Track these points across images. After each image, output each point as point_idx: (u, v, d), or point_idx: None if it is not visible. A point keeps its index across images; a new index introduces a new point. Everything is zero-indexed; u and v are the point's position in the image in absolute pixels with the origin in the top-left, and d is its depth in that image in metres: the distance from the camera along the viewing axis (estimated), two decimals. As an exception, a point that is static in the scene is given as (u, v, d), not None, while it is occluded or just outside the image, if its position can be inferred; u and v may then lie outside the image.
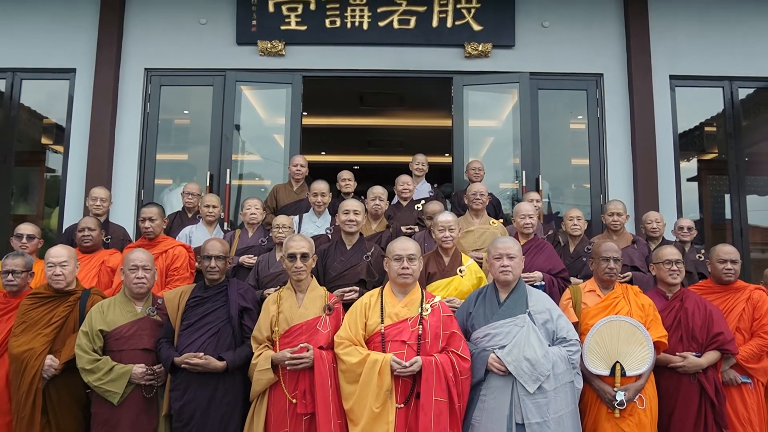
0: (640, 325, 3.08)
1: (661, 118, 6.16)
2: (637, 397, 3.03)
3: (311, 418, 2.90)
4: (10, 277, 3.43)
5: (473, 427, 2.90)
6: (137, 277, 3.14)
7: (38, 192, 6.62)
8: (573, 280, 3.95)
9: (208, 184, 6.00)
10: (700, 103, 6.53)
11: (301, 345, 2.93)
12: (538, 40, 6.30)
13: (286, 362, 2.91)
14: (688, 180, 6.71)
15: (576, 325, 3.18)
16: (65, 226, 5.93)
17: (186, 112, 6.58)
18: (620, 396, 2.98)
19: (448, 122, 6.51)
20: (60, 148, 6.37)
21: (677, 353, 3.24)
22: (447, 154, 6.55)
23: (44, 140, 6.59)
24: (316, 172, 5.70)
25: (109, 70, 6.14)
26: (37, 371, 3.10)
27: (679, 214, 6.07)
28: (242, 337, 3.11)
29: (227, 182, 6.01)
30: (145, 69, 6.27)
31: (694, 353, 3.24)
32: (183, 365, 2.94)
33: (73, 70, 6.25)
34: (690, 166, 6.64)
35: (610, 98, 6.24)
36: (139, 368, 3.00)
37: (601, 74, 6.29)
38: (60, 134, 6.43)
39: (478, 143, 6.64)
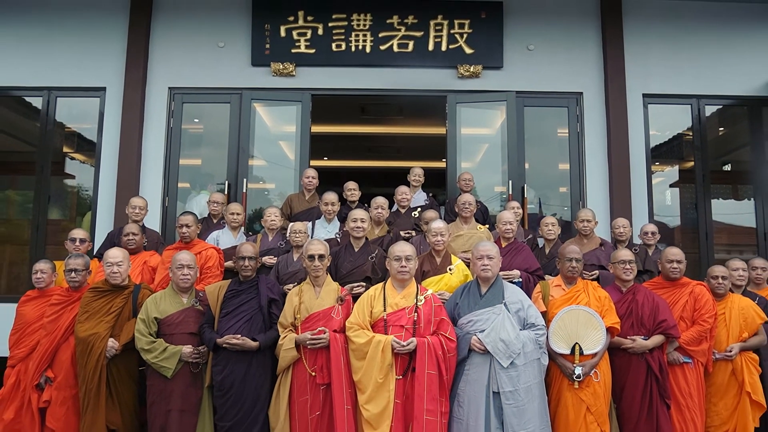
0: (596, 313, 3.75)
1: (634, 133, 6.79)
2: (593, 371, 3.71)
3: (327, 388, 3.59)
4: (73, 274, 4.10)
5: (458, 395, 3.57)
6: (183, 274, 3.82)
7: (70, 199, 7.28)
8: (547, 277, 4.61)
9: (226, 192, 6.63)
10: (673, 118, 7.20)
11: (319, 329, 3.62)
12: (524, 62, 6.94)
13: (307, 342, 3.59)
14: (671, 186, 7.39)
15: (544, 313, 3.85)
16: (97, 230, 6.60)
17: (205, 126, 7.22)
18: (578, 371, 3.66)
19: (443, 130, 7.13)
20: (80, 156, 7.06)
21: (628, 337, 3.92)
22: (443, 159, 7.17)
23: (73, 152, 7.23)
24: (319, 175, 6.33)
25: (137, 88, 6.76)
26: (102, 351, 3.76)
27: (651, 219, 6.73)
28: (270, 322, 3.79)
29: (243, 190, 6.67)
30: (169, 88, 6.89)
31: (642, 337, 3.91)
32: (224, 345, 3.62)
33: (104, 89, 6.86)
34: (673, 172, 7.30)
35: (589, 114, 6.88)
36: (187, 348, 3.68)
37: (581, 93, 6.93)
38: (81, 143, 7.09)
39: (471, 153, 7.32)
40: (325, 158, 12.33)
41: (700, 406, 4.06)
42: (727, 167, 7.57)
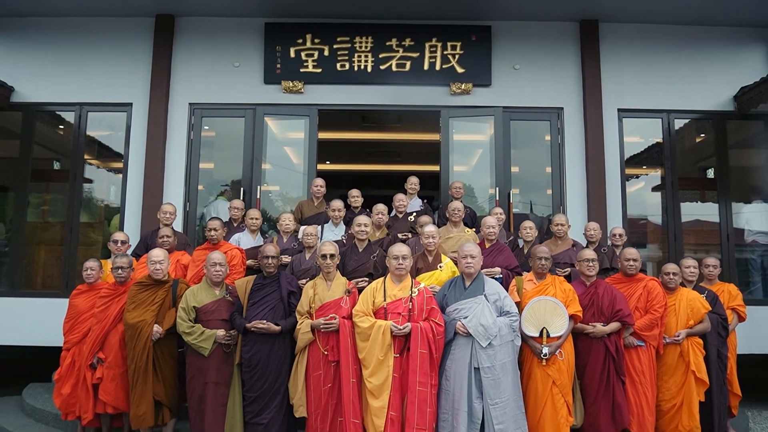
0: (560, 303, 4.49)
1: (610, 144, 7.51)
2: (558, 351, 4.44)
3: (337, 364, 4.32)
4: (119, 271, 4.83)
5: (446, 370, 4.31)
6: (216, 271, 4.56)
7: (93, 203, 7.99)
8: (525, 273, 5.33)
9: (242, 198, 7.35)
10: (655, 127, 7.92)
11: (330, 315, 4.36)
12: (510, 80, 7.67)
13: (321, 327, 4.33)
14: (653, 189, 8.09)
15: (518, 303, 4.58)
16: (125, 232, 7.30)
17: (222, 138, 7.94)
18: (545, 350, 4.39)
19: (438, 136, 7.79)
20: (96, 162, 7.77)
21: (590, 323, 4.65)
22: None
23: (93, 158, 7.91)
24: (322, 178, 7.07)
25: (160, 104, 7.48)
26: (149, 335, 4.50)
27: (624, 222, 7.46)
28: (290, 310, 4.53)
29: (257, 196, 7.40)
30: (189, 104, 7.61)
31: (601, 323, 4.64)
32: (252, 329, 4.36)
33: (130, 105, 7.58)
34: (656, 176, 7.95)
35: (569, 127, 7.60)
36: (221, 332, 4.42)
37: (562, 108, 7.64)
38: (102, 150, 7.81)
39: (464, 160, 8.04)
40: (328, 162, 13.01)
41: (652, 382, 4.79)
42: (710, 173, 8.26)
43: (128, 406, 4.60)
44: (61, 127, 7.93)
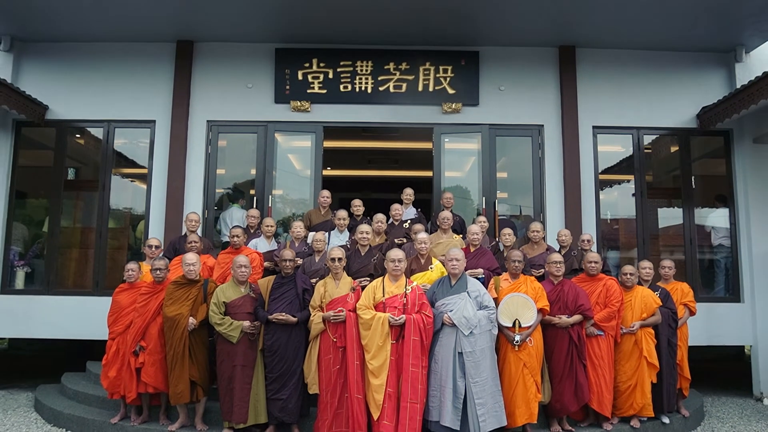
0: (530, 298, 5.34)
1: (585, 157, 8.37)
2: (528, 339, 5.29)
3: (344, 349, 5.15)
4: (158, 272, 5.65)
5: (434, 355, 5.14)
6: (241, 272, 5.40)
7: (123, 211, 8.83)
8: (502, 274, 6.17)
9: (254, 206, 8.17)
10: (625, 143, 8.77)
11: (339, 309, 5.19)
12: (496, 100, 8.52)
13: (330, 318, 5.17)
14: (633, 195, 8.93)
15: (496, 299, 5.43)
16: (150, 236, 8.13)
17: (237, 152, 8.78)
18: (517, 338, 5.24)
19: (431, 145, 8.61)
20: (122, 173, 8.60)
21: (556, 316, 5.50)
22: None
23: (122, 170, 8.76)
24: (324, 183, 7.89)
25: (181, 122, 8.31)
26: (185, 326, 5.33)
27: (598, 229, 8.31)
28: (304, 305, 5.36)
29: (269, 205, 8.24)
30: (207, 121, 8.43)
31: (566, 316, 5.49)
32: (273, 320, 5.20)
33: (153, 122, 8.40)
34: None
35: (548, 143, 8.44)
36: (246, 323, 5.25)
37: (542, 125, 8.49)
38: (127, 162, 8.64)
39: (457, 167, 8.88)
40: (329, 168, 13.76)
41: (609, 366, 5.63)
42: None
43: (166, 386, 5.43)
44: (78, 136, 8.74)
